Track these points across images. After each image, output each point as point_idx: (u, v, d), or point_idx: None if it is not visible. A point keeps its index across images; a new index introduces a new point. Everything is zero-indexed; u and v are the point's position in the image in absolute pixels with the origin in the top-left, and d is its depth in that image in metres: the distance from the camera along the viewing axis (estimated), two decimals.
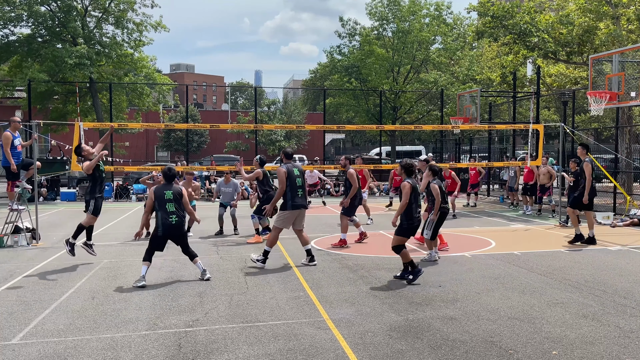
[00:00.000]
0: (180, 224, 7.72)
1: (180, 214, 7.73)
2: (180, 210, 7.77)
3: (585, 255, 9.83)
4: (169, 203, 7.67)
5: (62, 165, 22.85)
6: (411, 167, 8.09)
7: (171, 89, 49.18)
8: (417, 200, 7.96)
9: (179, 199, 7.78)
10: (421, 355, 5.03)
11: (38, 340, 5.47)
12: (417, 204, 7.95)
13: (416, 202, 7.91)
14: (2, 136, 10.98)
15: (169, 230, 7.65)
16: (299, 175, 8.70)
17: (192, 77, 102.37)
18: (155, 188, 7.86)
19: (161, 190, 7.74)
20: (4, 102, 38.54)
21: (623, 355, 4.99)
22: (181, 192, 7.84)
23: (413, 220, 7.85)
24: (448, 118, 28.69)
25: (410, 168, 8.08)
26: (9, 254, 10.06)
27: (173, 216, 7.65)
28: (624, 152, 18.70)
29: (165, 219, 7.63)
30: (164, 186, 7.82)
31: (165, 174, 7.94)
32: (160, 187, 7.82)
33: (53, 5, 26.99)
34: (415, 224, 7.91)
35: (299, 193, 8.62)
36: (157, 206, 7.69)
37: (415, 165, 8.28)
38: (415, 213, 7.88)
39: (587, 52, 19.84)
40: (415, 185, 7.91)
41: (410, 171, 8.06)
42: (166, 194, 7.70)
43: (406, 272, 7.75)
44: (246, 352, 5.12)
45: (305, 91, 74.40)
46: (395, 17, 34.03)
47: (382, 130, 30.37)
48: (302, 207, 8.70)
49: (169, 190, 7.76)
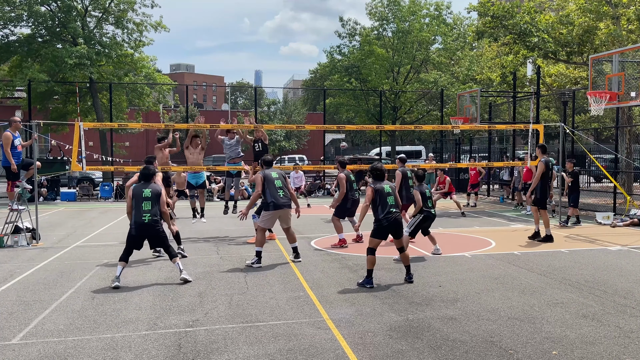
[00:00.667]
0: (153, 223, 7.65)
1: (154, 212, 7.66)
2: (156, 210, 7.71)
3: (585, 255, 9.84)
4: (145, 201, 7.65)
5: (62, 165, 22.85)
6: (379, 172, 7.87)
7: (171, 89, 49.13)
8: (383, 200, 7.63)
9: (156, 199, 7.75)
10: (421, 355, 5.03)
11: (38, 340, 5.47)
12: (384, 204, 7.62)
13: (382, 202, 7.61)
14: (3, 136, 10.98)
15: (142, 229, 7.64)
16: (277, 177, 9.13)
17: (192, 77, 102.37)
18: (134, 186, 7.87)
19: (139, 189, 7.76)
20: (4, 102, 38.53)
21: (623, 355, 4.99)
22: (159, 192, 7.82)
23: (380, 222, 7.58)
24: (448, 118, 28.67)
25: (377, 172, 7.86)
26: (9, 254, 10.06)
27: (147, 215, 7.62)
28: (624, 152, 18.70)
29: (138, 217, 7.63)
30: (142, 185, 7.83)
31: (143, 174, 7.95)
32: (138, 187, 7.83)
33: (53, 6, 26.97)
34: (384, 224, 7.54)
35: (280, 193, 8.99)
36: (134, 204, 7.70)
37: (383, 169, 7.95)
38: (380, 214, 7.58)
39: (587, 52, 19.84)
40: (376, 188, 7.68)
41: (378, 176, 7.84)
42: (144, 192, 7.72)
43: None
44: (246, 352, 5.12)
45: (305, 91, 74.41)
46: (395, 17, 33.99)
47: (382, 130, 30.34)
48: (285, 206, 9.03)
49: (147, 188, 7.77)
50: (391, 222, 7.56)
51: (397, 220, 7.63)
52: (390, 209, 7.60)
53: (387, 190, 7.69)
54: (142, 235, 7.71)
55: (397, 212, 7.68)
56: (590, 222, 14.47)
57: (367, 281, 7.51)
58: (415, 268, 8.65)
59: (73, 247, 10.93)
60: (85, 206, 20.31)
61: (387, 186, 7.76)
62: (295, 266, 8.86)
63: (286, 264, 9.07)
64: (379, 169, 7.91)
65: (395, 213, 7.64)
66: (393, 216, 7.59)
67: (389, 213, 7.58)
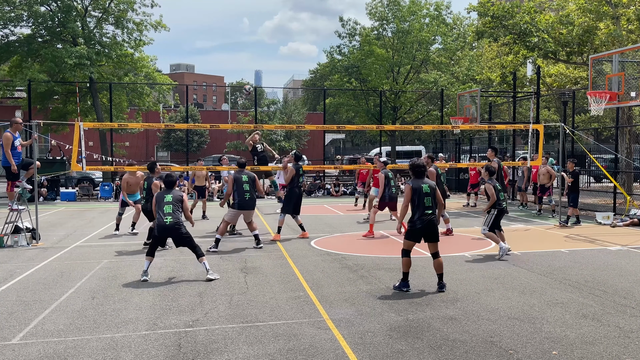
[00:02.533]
0: (175, 225, 8.06)
1: (176, 216, 8.12)
2: (178, 213, 8.17)
3: (585, 255, 9.84)
4: (166, 205, 8.12)
5: (62, 165, 22.84)
6: (421, 168, 7.52)
7: (171, 89, 49.15)
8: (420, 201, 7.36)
9: (178, 203, 8.24)
10: (421, 355, 5.03)
11: (38, 340, 5.47)
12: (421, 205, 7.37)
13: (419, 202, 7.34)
14: (3, 137, 10.98)
15: (164, 230, 8.06)
16: (246, 181, 10.38)
17: (192, 77, 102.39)
18: (157, 193, 8.47)
19: (161, 195, 8.31)
20: (4, 102, 38.50)
21: (623, 355, 4.99)
22: (181, 198, 8.33)
23: (414, 223, 7.34)
24: (448, 118, 28.67)
25: (418, 169, 7.51)
26: (9, 254, 10.06)
27: (169, 217, 8.04)
28: (624, 152, 18.70)
29: (161, 219, 8.07)
30: (165, 192, 8.35)
31: (165, 181, 8.47)
32: (160, 193, 8.39)
33: (53, 6, 26.95)
34: (417, 226, 7.30)
35: (246, 196, 10.31)
36: (156, 208, 8.21)
37: (424, 166, 7.59)
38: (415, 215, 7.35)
39: (587, 52, 19.83)
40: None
41: (418, 173, 7.48)
42: (166, 198, 8.20)
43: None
44: (246, 352, 5.12)
45: (305, 91, 74.40)
46: (395, 17, 33.99)
47: (382, 130, 30.35)
48: (248, 207, 10.40)
49: (169, 194, 8.25)
50: (425, 224, 7.27)
51: (432, 222, 7.31)
52: (425, 210, 7.28)
53: (425, 190, 7.33)
54: (163, 237, 8.19)
55: (433, 215, 7.35)
56: (590, 222, 14.47)
57: (403, 284, 7.33)
58: (415, 268, 8.65)
59: (73, 247, 10.93)
60: (85, 206, 20.31)
61: (426, 186, 7.38)
62: (295, 266, 8.86)
63: (286, 264, 9.08)
64: (420, 166, 7.50)
65: (431, 215, 7.32)
66: (428, 218, 7.28)
67: (424, 215, 7.27)
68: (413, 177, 7.51)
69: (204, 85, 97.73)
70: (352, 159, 35.05)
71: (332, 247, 10.78)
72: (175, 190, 8.41)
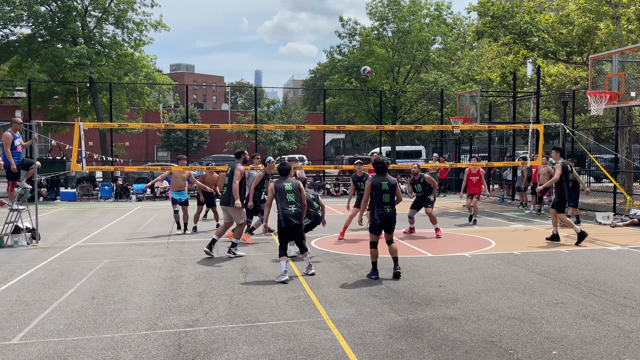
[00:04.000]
0: (298, 214, 7.97)
1: (299, 204, 8.01)
2: (299, 202, 8.06)
3: (585, 255, 9.83)
4: (289, 194, 7.97)
5: (62, 165, 22.83)
6: (381, 165, 8.04)
7: (171, 89, 49.14)
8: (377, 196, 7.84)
9: (298, 191, 8.12)
10: (421, 355, 5.03)
11: (38, 340, 5.47)
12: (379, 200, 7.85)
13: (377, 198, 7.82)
14: (3, 136, 10.98)
15: (289, 219, 7.90)
16: (226, 184, 10.22)
17: (192, 77, 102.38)
18: (275, 181, 8.21)
19: (280, 183, 8.09)
20: (4, 102, 38.52)
21: (623, 355, 4.99)
22: (299, 185, 8.17)
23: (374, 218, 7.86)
24: (448, 118, 28.66)
25: (379, 166, 8.04)
26: (9, 254, 10.06)
27: (292, 206, 7.95)
28: (624, 152, 18.69)
29: (284, 209, 7.92)
30: (282, 179, 8.19)
31: (280, 169, 8.38)
32: (279, 180, 8.18)
33: (53, 5, 26.96)
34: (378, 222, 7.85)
35: (224, 191, 10.23)
36: (278, 198, 8.03)
37: (385, 162, 8.16)
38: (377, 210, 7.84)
39: (587, 52, 19.83)
40: (373, 183, 7.87)
41: (379, 169, 8.02)
42: (286, 186, 8.04)
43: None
44: (246, 352, 5.12)
45: (305, 91, 74.40)
46: (395, 17, 33.99)
47: (382, 130, 30.35)
48: (224, 204, 10.10)
49: (288, 182, 8.13)
50: (384, 219, 7.82)
51: (390, 217, 7.86)
52: (385, 206, 7.81)
53: (384, 187, 7.84)
54: (290, 228, 7.93)
55: (392, 210, 7.88)
56: (590, 222, 14.46)
57: (372, 273, 7.95)
58: (415, 268, 8.65)
59: (73, 247, 10.93)
60: (85, 206, 20.32)
61: (386, 183, 7.88)
62: (296, 266, 8.86)
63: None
64: (381, 162, 8.01)
65: (391, 210, 7.85)
66: (387, 213, 7.81)
67: (383, 210, 7.81)
68: (375, 174, 8.02)
69: (204, 85, 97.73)
70: (352, 159, 35.03)
71: (332, 247, 10.79)
72: (292, 179, 8.34)
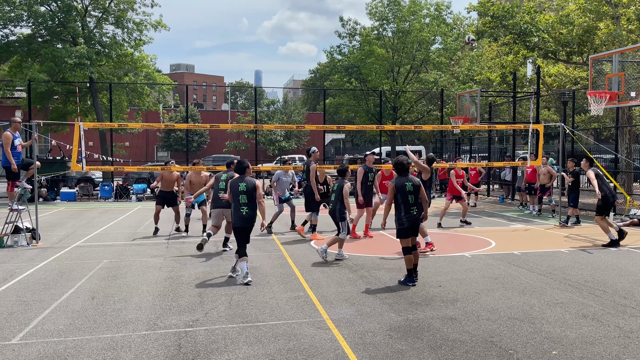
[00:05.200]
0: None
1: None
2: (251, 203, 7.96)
3: (585, 255, 9.84)
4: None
5: (62, 165, 22.85)
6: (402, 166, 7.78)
7: (171, 89, 49.15)
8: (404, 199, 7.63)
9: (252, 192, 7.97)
10: (421, 355, 5.03)
11: (38, 340, 5.47)
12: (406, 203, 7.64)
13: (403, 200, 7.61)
14: (3, 136, 10.98)
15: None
16: (223, 182, 10.45)
17: (192, 77, 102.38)
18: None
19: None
20: (4, 102, 38.52)
21: (623, 355, 4.99)
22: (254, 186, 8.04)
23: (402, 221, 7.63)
24: (448, 118, 28.67)
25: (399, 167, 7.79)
26: (9, 254, 10.06)
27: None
28: (624, 152, 18.69)
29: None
30: (239, 179, 8.07)
31: (237, 167, 8.30)
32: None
33: (53, 5, 26.95)
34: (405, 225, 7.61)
35: (219, 194, 10.38)
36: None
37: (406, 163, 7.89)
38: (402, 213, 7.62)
39: (587, 52, 19.83)
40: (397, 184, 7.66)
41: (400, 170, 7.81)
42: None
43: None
44: (246, 352, 5.12)
45: (305, 91, 74.40)
46: (395, 17, 33.98)
47: (382, 130, 30.35)
48: (222, 207, 10.25)
49: (242, 182, 7.99)
50: (413, 222, 7.55)
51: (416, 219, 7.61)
52: (411, 209, 7.57)
53: (408, 188, 7.59)
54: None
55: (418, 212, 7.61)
56: (590, 222, 14.46)
57: (408, 279, 7.62)
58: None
59: (73, 247, 10.93)
60: (85, 206, 20.31)
61: (410, 184, 7.63)
62: (295, 266, 8.86)
63: (286, 264, 9.07)
64: (401, 163, 7.74)
65: (417, 212, 7.59)
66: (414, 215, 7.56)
67: (410, 212, 7.56)
68: (396, 176, 7.80)
69: (204, 85, 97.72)
70: (352, 159, 35.08)
71: (332, 247, 10.77)
72: (247, 178, 8.14)
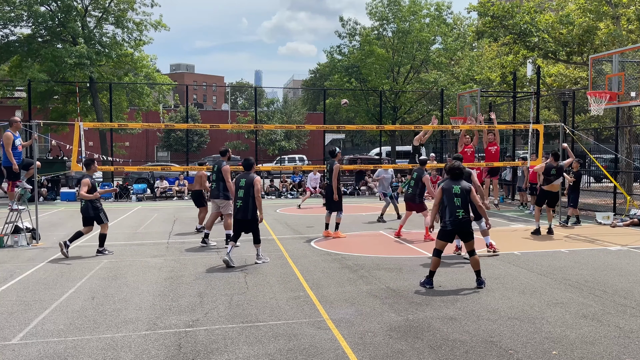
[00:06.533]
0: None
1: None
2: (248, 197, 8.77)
3: (585, 255, 9.84)
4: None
5: (62, 165, 22.84)
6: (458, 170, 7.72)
7: (171, 89, 49.15)
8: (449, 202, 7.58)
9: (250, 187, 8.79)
10: (421, 355, 5.03)
11: (38, 340, 5.47)
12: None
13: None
14: (4, 136, 10.99)
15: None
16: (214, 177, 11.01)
17: (192, 77, 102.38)
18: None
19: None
20: (4, 102, 38.50)
21: (623, 355, 4.99)
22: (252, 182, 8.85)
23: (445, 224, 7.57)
24: (448, 118, 28.68)
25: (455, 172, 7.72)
26: (9, 254, 10.06)
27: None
28: (624, 152, 18.69)
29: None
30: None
31: (243, 164, 9.11)
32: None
33: (53, 5, 26.96)
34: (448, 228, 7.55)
35: (212, 185, 11.04)
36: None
37: (462, 168, 7.83)
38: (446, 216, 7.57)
39: (587, 52, 19.83)
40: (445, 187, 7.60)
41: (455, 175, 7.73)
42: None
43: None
44: (246, 352, 5.12)
45: (305, 91, 74.40)
46: (395, 17, 33.99)
47: (382, 130, 30.35)
48: (214, 197, 10.91)
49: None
50: (455, 225, 7.46)
51: (463, 223, 7.49)
52: (456, 212, 7.47)
53: (454, 191, 7.53)
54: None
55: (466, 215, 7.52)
56: (590, 222, 14.47)
57: (427, 281, 7.49)
58: (415, 268, 8.65)
59: (73, 247, 10.92)
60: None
61: (457, 187, 7.56)
62: (295, 266, 8.86)
63: (286, 264, 9.07)
64: (458, 168, 7.68)
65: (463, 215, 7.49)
66: (458, 219, 7.47)
67: (454, 215, 7.46)
68: (448, 178, 7.76)
69: (204, 85, 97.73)
70: (352, 159, 35.08)
71: (332, 247, 10.78)
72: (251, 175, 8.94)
